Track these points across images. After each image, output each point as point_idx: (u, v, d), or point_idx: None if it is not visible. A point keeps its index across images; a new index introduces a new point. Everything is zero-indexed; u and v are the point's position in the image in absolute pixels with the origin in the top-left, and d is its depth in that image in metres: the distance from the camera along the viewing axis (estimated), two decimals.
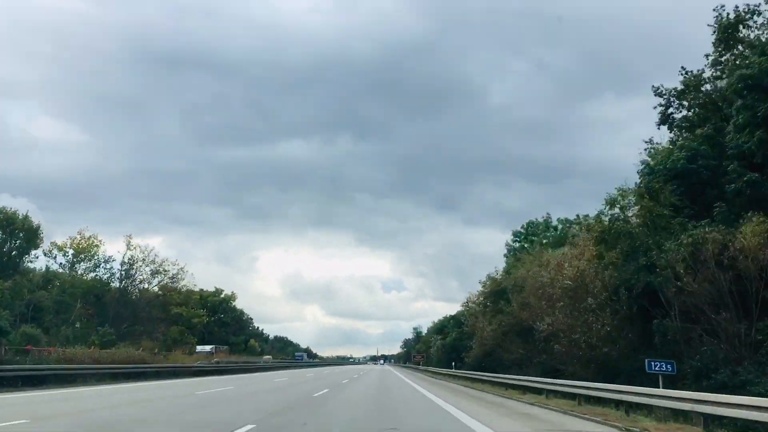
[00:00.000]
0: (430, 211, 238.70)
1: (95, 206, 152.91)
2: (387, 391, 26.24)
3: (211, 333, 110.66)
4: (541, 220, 48.84)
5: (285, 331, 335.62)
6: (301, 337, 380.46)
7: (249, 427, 11.65)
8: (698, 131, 21.79)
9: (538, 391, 23.69)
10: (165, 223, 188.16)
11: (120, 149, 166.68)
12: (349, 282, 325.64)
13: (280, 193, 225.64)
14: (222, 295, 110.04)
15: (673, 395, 13.54)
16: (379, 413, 16.09)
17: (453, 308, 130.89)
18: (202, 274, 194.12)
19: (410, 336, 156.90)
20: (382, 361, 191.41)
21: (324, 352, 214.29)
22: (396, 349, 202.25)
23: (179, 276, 65.47)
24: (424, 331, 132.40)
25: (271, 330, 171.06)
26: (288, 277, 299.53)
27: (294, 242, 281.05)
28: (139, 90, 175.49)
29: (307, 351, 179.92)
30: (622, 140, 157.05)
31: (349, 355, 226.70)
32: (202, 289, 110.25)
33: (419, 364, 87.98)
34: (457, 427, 13.25)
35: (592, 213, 26.64)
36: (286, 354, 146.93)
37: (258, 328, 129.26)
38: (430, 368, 63.59)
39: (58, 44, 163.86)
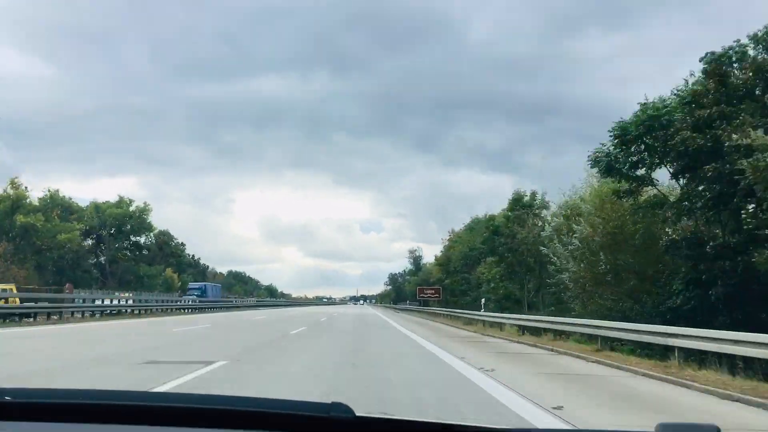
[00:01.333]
0: (409, 151, 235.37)
1: (64, 144, 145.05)
2: None
3: (115, 261, 77.16)
4: None
5: (261, 273, 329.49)
6: (279, 279, 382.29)
7: None
8: None
9: None
10: (138, 163, 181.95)
11: (88, 84, 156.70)
12: (327, 223, 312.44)
13: (255, 132, 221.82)
14: (132, 207, 76.10)
15: None
16: None
17: (435, 250, 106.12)
18: (177, 216, 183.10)
19: (402, 269, 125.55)
20: (361, 302, 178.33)
21: (306, 293, 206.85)
22: (377, 290, 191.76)
23: None
24: (428, 258, 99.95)
25: (248, 270, 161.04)
26: (265, 218, 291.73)
27: (271, 183, 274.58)
28: (106, 21, 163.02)
29: (269, 289, 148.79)
30: (605, 77, 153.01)
31: (328, 296, 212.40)
32: (107, 201, 76.47)
33: (426, 305, 55.27)
34: None
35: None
36: (246, 292, 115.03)
37: (193, 256, 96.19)
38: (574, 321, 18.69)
39: None
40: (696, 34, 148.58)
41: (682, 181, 20.66)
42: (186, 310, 47.20)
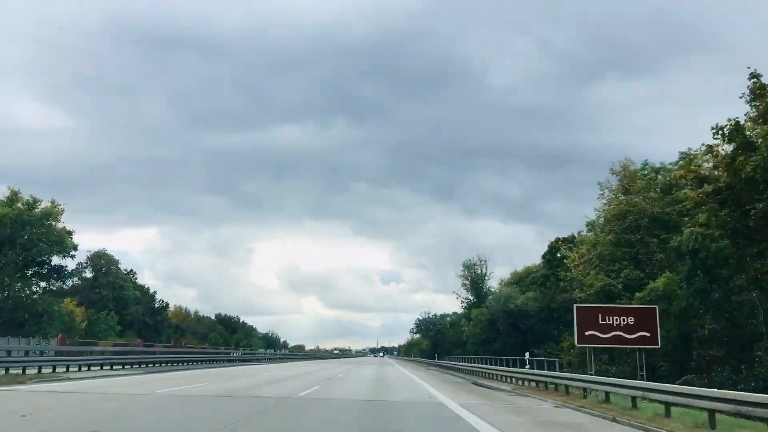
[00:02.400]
0: (428, 199, 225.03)
1: (85, 194, 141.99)
2: None
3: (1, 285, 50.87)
4: None
5: (282, 324, 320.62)
6: (299, 331, 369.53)
7: None
8: None
9: None
10: (158, 213, 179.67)
11: (108, 135, 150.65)
12: (346, 273, 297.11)
13: (274, 181, 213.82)
14: (37, 210, 50.43)
15: None
16: None
17: (454, 301, 78.00)
18: (198, 264, 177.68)
19: (435, 311, 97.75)
20: (381, 354, 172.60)
21: (326, 345, 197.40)
22: (396, 341, 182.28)
23: None
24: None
25: (262, 322, 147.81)
26: (285, 268, 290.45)
27: (291, 233, 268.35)
28: (126, 73, 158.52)
29: (268, 338, 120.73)
30: (626, 125, 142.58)
31: (346, 347, 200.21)
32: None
33: (544, 367, 24.45)
34: None
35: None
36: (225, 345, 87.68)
37: (148, 289, 69.11)
38: None
39: (40, 24, 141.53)
40: (719, 83, 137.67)
41: None
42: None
